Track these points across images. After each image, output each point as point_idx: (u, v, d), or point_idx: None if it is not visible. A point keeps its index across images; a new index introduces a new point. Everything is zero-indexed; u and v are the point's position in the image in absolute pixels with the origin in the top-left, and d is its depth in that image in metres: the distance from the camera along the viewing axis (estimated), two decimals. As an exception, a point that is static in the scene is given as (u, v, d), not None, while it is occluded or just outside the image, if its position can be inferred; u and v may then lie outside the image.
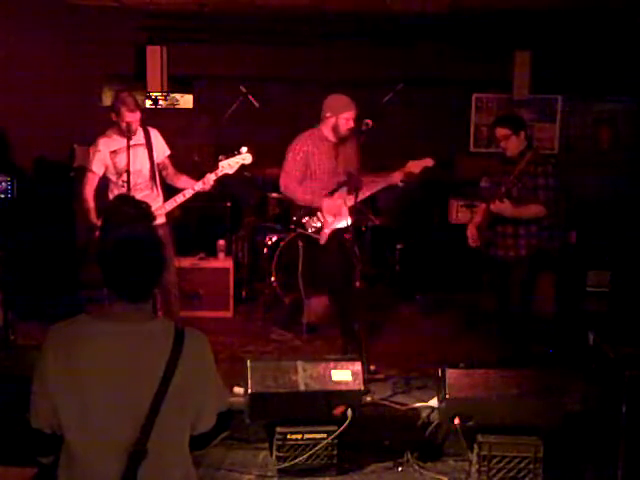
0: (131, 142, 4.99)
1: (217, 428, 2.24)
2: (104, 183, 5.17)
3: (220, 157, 5.16)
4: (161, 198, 5.24)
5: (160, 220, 5.17)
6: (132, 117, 4.95)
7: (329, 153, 5.34)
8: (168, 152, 5.27)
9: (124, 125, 4.94)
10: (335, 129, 5.30)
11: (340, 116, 5.26)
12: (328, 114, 5.30)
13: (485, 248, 5.32)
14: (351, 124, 5.26)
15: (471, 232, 5.37)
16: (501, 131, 5.14)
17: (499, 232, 5.18)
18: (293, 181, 5.34)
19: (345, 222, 5.26)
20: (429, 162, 5.37)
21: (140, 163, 5.10)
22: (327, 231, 5.31)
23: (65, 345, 2.03)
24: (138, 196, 5.06)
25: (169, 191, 5.35)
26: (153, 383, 2.00)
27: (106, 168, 5.07)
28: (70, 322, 2.09)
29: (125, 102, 4.96)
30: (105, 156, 5.04)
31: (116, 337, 2.03)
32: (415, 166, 5.36)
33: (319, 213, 5.33)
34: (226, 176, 5.17)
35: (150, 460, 2.00)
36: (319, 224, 5.34)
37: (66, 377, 2.00)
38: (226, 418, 2.26)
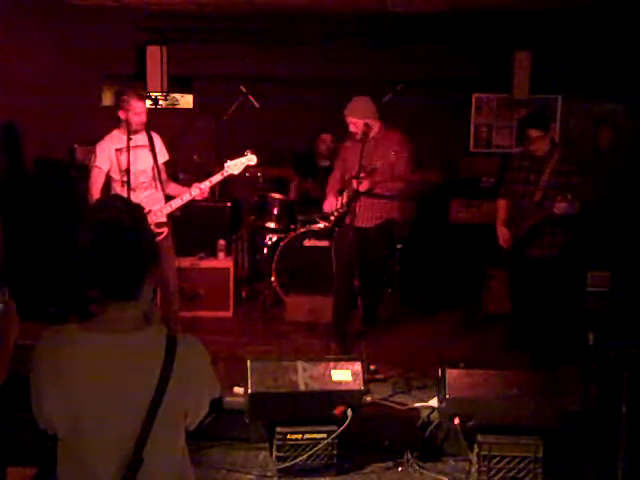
0: (135, 143, 5.04)
1: (210, 412, 2.24)
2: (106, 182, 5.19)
3: (225, 159, 5.26)
4: (163, 198, 5.26)
5: (161, 219, 5.19)
6: (141, 108, 5.02)
7: (355, 151, 5.37)
8: (167, 158, 5.32)
9: (133, 118, 4.96)
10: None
11: (346, 119, 5.35)
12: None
13: (518, 247, 5.28)
14: (353, 128, 5.31)
15: (502, 232, 5.34)
16: (535, 132, 5.13)
17: (536, 231, 5.14)
18: (332, 177, 5.66)
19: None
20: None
21: (144, 163, 5.14)
22: (332, 218, 5.47)
23: (52, 354, 2.00)
24: (141, 195, 5.10)
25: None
26: (147, 394, 1.98)
27: (110, 165, 5.08)
28: (58, 331, 2.05)
29: (133, 94, 5.04)
30: (110, 153, 5.07)
31: (106, 349, 2.00)
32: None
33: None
34: (231, 177, 5.27)
35: (146, 468, 2.00)
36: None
37: (56, 390, 1.98)
38: (216, 404, 2.26)
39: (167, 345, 2.03)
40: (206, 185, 5.16)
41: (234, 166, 5.22)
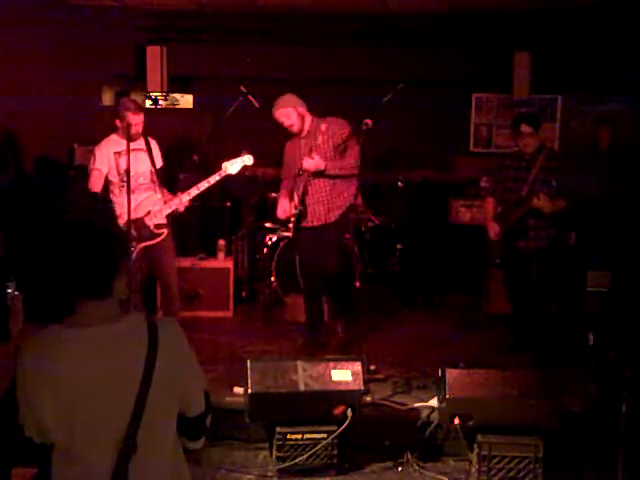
0: (133, 146, 5.04)
1: (208, 409, 2.25)
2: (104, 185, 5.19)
3: (223, 153, 5.30)
4: (162, 199, 5.26)
5: (161, 221, 5.19)
6: (137, 119, 5.02)
7: (294, 147, 5.44)
8: (161, 164, 5.32)
9: (129, 128, 4.95)
10: None
11: (277, 118, 5.39)
12: None
13: (507, 241, 5.49)
14: (286, 123, 5.33)
15: (491, 226, 5.56)
16: (527, 128, 5.35)
17: (522, 224, 5.36)
18: (281, 185, 5.59)
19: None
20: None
21: (142, 166, 5.15)
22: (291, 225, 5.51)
23: (39, 358, 2.01)
24: (141, 196, 5.11)
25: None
26: (135, 380, 2.01)
27: (109, 168, 5.09)
28: (42, 335, 2.07)
29: (128, 106, 5.02)
30: (109, 155, 5.08)
31: (89, 342, 2.02)
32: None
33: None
34: (228, 177, 5.29)
35: (139, 454, 2.00)
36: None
37: (46, 390, 1.98)
38: (207, 396, 2.27)
39: (149, 329, 2.07)
40: (186, 198, 5.17)
41: (231, 166, 5.25)
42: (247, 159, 5.31)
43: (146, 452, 2.02)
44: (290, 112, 5.31)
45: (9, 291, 3.97)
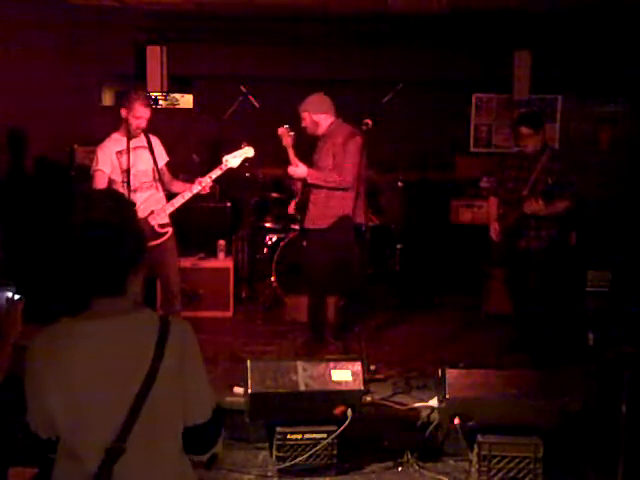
0: (134, 144, 5.03)
1: (215, 424, 2.16)
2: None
3: (223, 154, 5.27)
4: (164, 198, 5.25)
5: (164, 220, 5.18)
6: (144, 113, 5.00)
7: (317, 148, 5.51)
8: (167, 159, 5.31)
9: (133, 121, 4.94)
10: None
11: None
12: None
13: (508, 240, 5.50)
14: (302, 123, 5.41)
15: (494, 226, 5.60)
16: (525, 130, 5.37)
17: (523, 224, 5.38)
18: None
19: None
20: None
21: (144, 164, 5.13)
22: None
23: (50, 351, 2.01)
24: (143, 195, 5.09)
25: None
26: (140, 375, 1.99)
27: (112, 168, 5.08)
28: (53, 328, 2.06)
29: (139, 98, 5.01)
30: (112, 155, 5.06)
31: (100, 335, 2.01)
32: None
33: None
34: (230, 170, 5.26)
35: (132, 457, 1.97)
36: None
37: (58, 385, 1.98)
38: (219, 414, 2.21)
39: (161, 325, 2.06)
40: (206, 181, 5.16)
41: (232, 159, 5.23)
42: (248, 151, 5.27)
43: (140, 455, 1.99)
44: (305, 116, 5.40)
45: (9, 295, 3.95)
